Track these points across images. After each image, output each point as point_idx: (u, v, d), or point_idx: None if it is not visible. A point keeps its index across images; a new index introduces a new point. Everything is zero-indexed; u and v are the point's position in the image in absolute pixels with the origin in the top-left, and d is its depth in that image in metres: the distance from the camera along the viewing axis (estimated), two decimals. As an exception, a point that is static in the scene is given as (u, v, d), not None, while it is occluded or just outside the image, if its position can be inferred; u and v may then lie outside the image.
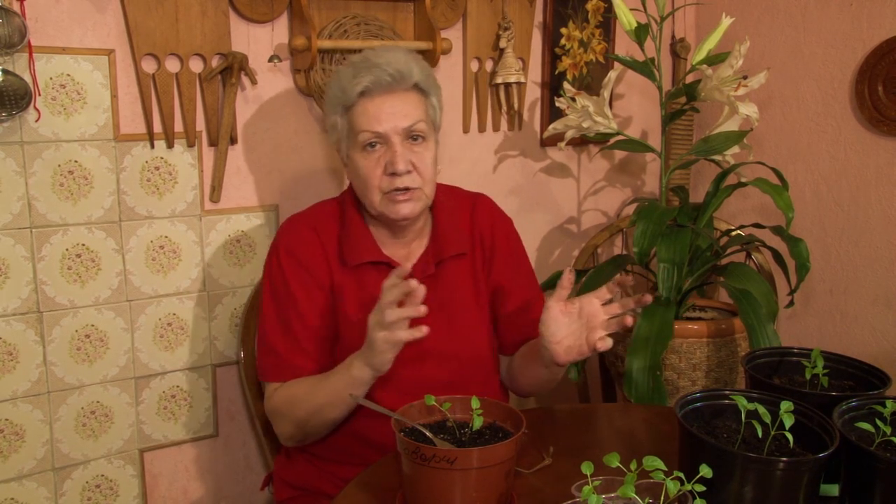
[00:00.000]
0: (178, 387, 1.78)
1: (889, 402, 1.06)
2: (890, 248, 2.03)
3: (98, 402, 1.69)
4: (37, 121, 1.54)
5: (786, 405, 1.02)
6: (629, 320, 1.22)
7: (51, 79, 1.54)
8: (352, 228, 1.44)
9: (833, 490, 1.07)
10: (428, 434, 1.08)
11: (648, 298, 1.25)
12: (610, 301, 1.25)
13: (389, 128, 1.35)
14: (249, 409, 1.80)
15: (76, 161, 1.59)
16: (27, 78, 1.50)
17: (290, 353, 1.40)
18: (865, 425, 1.04)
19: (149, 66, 1.63)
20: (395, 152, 1.35)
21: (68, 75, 1.56)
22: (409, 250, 1.48)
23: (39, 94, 1.53)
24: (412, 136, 1.38)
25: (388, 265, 1.43)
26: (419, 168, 1.37)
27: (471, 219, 1.52)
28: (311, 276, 1.42)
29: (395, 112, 1.36)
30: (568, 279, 1.25)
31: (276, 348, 1.41)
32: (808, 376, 1.22)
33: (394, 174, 1.35)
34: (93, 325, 1.66)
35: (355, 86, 1.35)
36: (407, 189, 1.36)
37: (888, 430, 1.02)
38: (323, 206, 1.52)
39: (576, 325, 1.25)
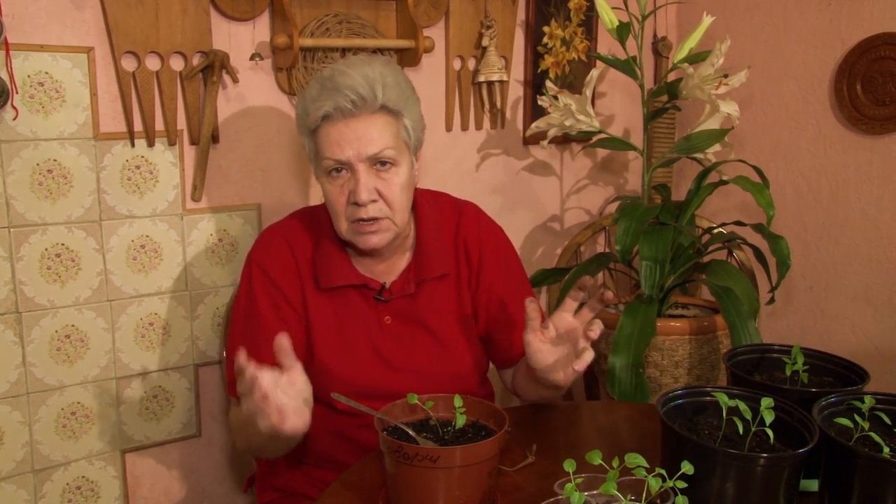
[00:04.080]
0: (159, 387, 1.77)
1: (867, 398, 1.07)
2: (869, 246, 2.05)
3: (79, 402, 1.67)
4: (14, 119, 1.52)
5: (766, 402, 1.03)
6: (594, 332, 1.17)
7: (28, 76, 1.52)
8: (326, 248, 1.38)
9: (813, 485, 1.08)
10: (411, 433, 1.08)
11: (609, 294, 1.21)
12: (581, 308, 1.23)
13: (352, 155, 1.27)
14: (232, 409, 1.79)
15: (55, 160, 1.58)
16: (4, 76, 1.48)
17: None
18: (844, 421, 1.05)
19: (129, 64, 1.62)
20: (358, 181, 1.28)
21: (46, 73, 1.54)
22: (388, 266, 1.42)
23: (17, 93, 1.51)
24: (379, 161, 1.29)
25: (366, 287, 1.38)
26: (386, 196, 1.30)
27: (456, 233, 1.46)
28: (282, 295, 1.37)
29: (358, 138, 1.27)
30: (532, 308, 1.21)
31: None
32: (788, 373, 1.23)
33: (356, 204, 1.28)
34: (73, 326, 1.64)
35: (317, 110, 1.28)
36: (374, 220, 1.30)
37: (866, 426, 1.03)
38: (300, 217, 1.45)
39: (559, 346, 1.23)
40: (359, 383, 1.35)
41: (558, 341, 1.23)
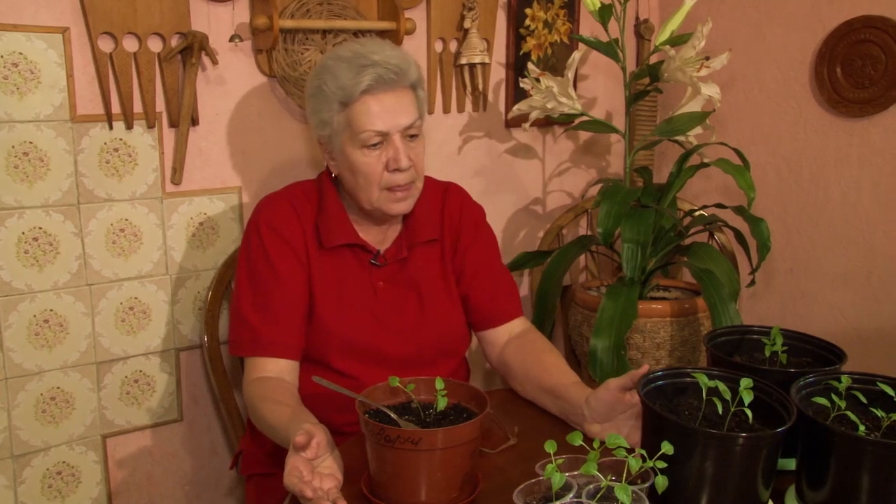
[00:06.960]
0: (140, 371, 1.76)
1: (844, 378, 1.09)
2: (848, 228, 2.07)
3: (58, 387, 1.66)
4: (-11, 101, 1.49)
5: (745, 382, 1.04)
6: None
7: (2, 57, 1.49)
8: (329, 211, 1.47)
9: (791, 464, 1.10)
10: (392, 415, 1.08)
11: None
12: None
13: (391, 126, 1.38)
14: (214, 393, 1.79)
15: (31, 142, 1.55)
16: (-22, 57, 1.46)
17: (264, 327, 1.41)
18: (822, 400, 1.06)
19: (106, 45, 1.59)
20: (399, 149, 1.38)
21: (21, 53, 1.51)
22: (384, 235, 1.52)
23: (-9, 74, 1.49)
24: (410, 134, 1.41)
25: (364, 248, 1.49)
26: (416, 164, 1.42)
27: (441, 206, 1.57)
28: (292, 250, 1.44)
29: (396, 110, 1.38)
30: (640, 372, 1.23)
31: (249, 322, 1.42)
32: (767, 354, 1.24)
33: (397, 170, 1.39)
34: (52, 310, 1.63)
35: (358, 83, 1.36)
36: (408, 185, 1.41)
37: (843, 405, 1.04)
38: (300, 186, 1.54)
39: (623, 416, 1.26)
40: (354, 341, 1.45)
41: (626, 411, 1.25)
